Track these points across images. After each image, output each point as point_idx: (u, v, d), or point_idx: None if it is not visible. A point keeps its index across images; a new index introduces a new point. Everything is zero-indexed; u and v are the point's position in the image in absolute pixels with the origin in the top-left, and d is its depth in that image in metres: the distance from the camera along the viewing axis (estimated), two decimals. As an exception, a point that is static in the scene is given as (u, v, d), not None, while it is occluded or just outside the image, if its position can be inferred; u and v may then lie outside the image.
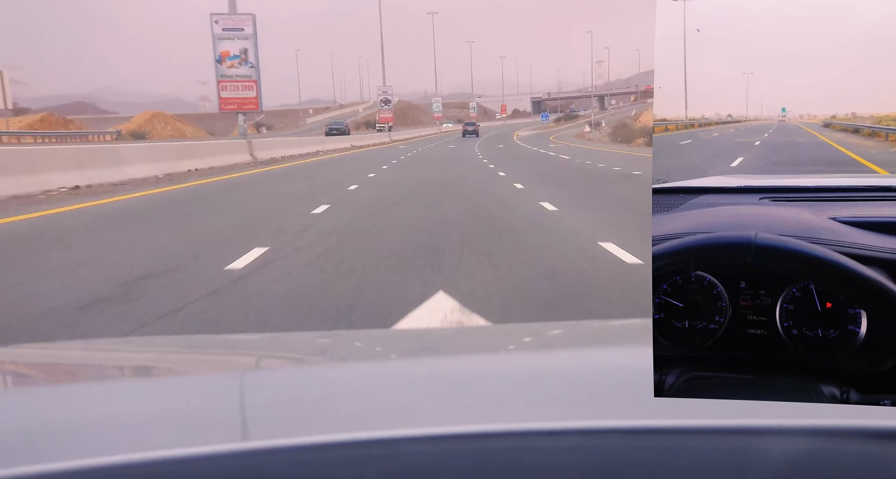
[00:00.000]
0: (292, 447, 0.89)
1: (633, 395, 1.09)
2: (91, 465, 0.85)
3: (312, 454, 0.89)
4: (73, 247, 8.50)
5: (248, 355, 1.85)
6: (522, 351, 1.81)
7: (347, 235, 8.84)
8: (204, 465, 0.87)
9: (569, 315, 4.90)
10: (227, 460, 0.88)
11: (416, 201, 12.99)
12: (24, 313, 5.27)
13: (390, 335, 2.58)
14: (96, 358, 1.84)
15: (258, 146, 32.06)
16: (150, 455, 0.87)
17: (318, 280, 6.16)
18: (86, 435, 1.02)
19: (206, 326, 4.77)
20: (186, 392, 1.31)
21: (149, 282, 6.12)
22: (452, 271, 6.39)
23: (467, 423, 0.99)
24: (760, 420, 0.93)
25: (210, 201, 13.95)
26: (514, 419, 1.00)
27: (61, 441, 0.98)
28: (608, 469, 0.88)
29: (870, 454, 0.88)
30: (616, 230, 8.62)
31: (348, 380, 1.40)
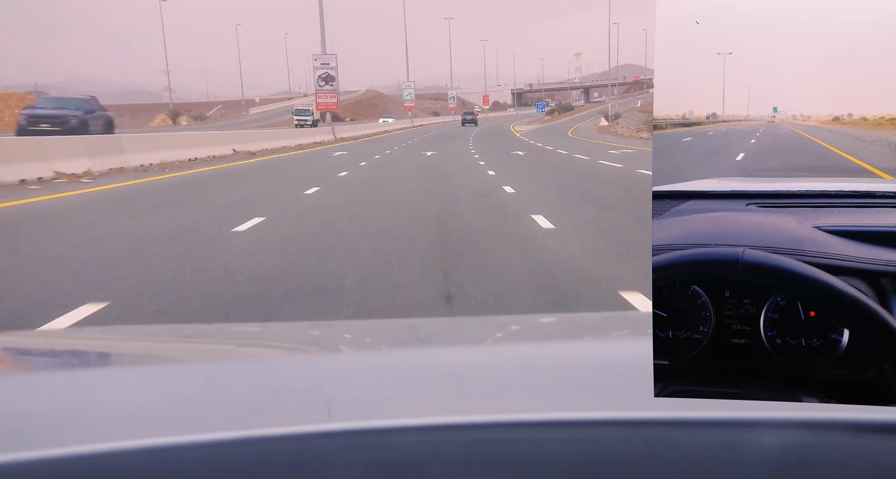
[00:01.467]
0: (284, 436, 0.89)
1: (625, 387, 1.10)
2: (83, 452, 0.86)
3: (304, 443, 0.89)
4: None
5: (240, 345, 1.85)
6: (515, 342, 1.81)
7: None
8: (195, 453, 0.87)
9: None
10: (217, 448, 0.88)
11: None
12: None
13: (383, 326, 2.58)
14: (87, 346, 1.84)
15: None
16: (140, 443, 0.87)
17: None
18: (78, 423, 1.02)
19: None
20: (178, 381, 1.30)
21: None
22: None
23: (459, 413, 0.99)
24: (752, 413, 0.94)
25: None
26: (506, 410, 1.00)
27: (53, 429, 0.98)
28: (600, 461, 0.88)
29: (860, 447, 0.89)
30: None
31: (340, 370, 1.40)
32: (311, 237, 8.71)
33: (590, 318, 2.60)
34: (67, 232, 9.54)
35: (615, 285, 5.90)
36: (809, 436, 0.89)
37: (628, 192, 13.75)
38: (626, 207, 11.34)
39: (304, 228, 9.50)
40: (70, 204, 12.89)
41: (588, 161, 25.26)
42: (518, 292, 5.81)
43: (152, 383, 1.28)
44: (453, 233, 8.81)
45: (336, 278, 6.26)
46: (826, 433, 0.90)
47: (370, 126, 71.52)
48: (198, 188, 15.83)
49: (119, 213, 11.44)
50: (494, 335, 1.91)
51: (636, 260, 6.83)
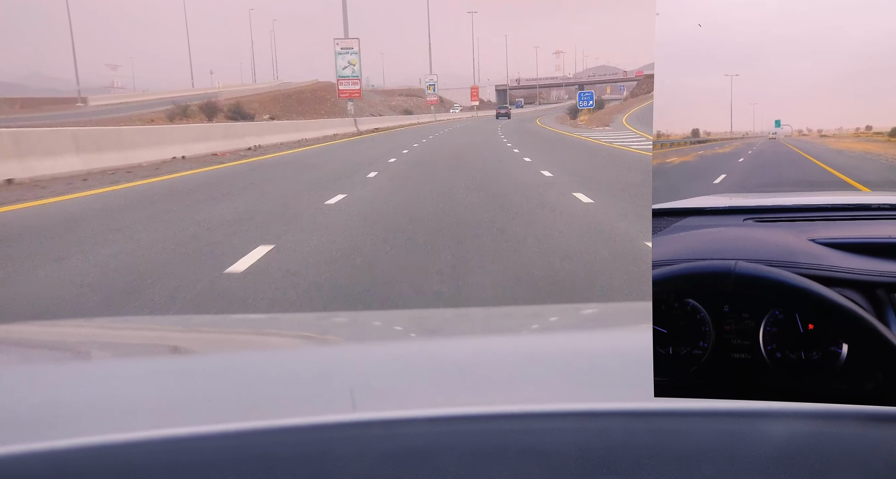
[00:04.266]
0: (292, 427, 0.90)
1: (631, 378, 1.09)
2: (94, 443, 0.86)
3: (313, 434, 0.90)
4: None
5: (247, 336, 1.86)
6: (521, 334, 1.81)
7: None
8: (206, 444, 0.87)
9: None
10: (227, 439, 0.88)
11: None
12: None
13: (390, 317, 2.61)
14: (98, 337, 1.84)
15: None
16: (150, 434, 0.88)
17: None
18: (89, 414, 1.03)
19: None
20: (189, 372, 1.32)
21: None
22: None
23: (466, 405, 1.00)
24: (758, 404, 0.94)
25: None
26: (512, 401, 1.01)
27: (64, 420, 0.99)
28: (606, 452, 0.89)
29: (865, 436, 0.89)
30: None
31: (348, 361, 1.41)
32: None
33: (595, 309, 2.62)
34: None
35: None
36: (816, 425, 0.90)
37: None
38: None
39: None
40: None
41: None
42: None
43: (162, 375, 1.29)
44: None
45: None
46: (834, 423, 0.91)
47: (300, 130, 40.44)
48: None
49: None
50: (500, 326, 1.91)
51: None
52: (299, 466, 0.86)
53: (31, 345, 1.72)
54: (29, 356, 1.60)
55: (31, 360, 1.57)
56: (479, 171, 17.83)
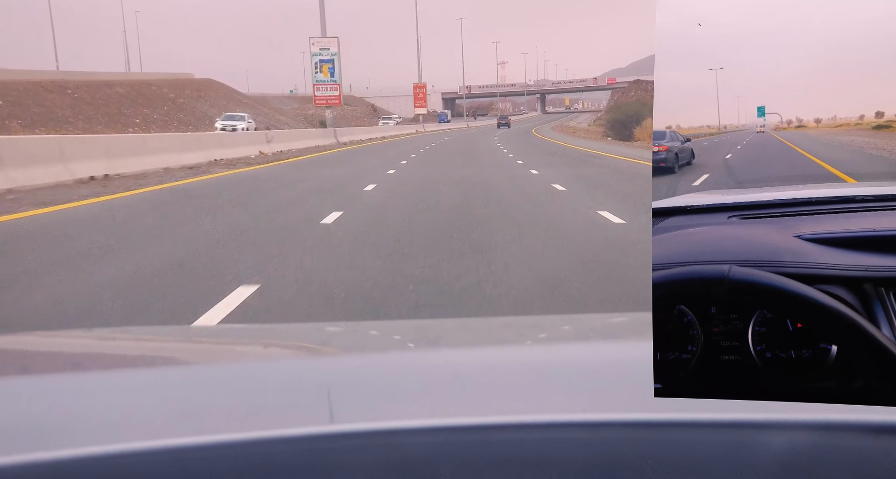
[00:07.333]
0: (292, 437, 0.90)
1: (633, 388, 1.09)
2: (91, 453, 0.86)
3: (312, 444, 0.89)
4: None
5: (246, 346, 1.86)
6: (522, 344, 1.82)
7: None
8: (202, 455, 0.87)
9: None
10: (225, 450, 0.88)
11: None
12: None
13: (389, 327, 2.62)
14: (96, 347, 1.84)
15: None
16: (149, 445, 0.87)
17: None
18: (86, 424, 1.03)
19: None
20: (185, 382, 1.31)
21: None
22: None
23: (467, 415, 1.00)
24: (761, 415, 0.94)
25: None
26: (513, 412, 1.01)
27: (62, 430, 0.98)
28: (608, 462, 0.88)
29: (869, 448, 0.89)
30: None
31: (349, 371, 1.42)
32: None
33: (597, 319, 2.63)
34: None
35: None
36: (819, 437, 0.89)
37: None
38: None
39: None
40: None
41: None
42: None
43: (161, 385, 1.29)
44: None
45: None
46: (836, 433, 0.90)
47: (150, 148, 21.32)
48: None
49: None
50: (500, 336, 1.91)
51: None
52: (298, 477, 0.86)
53: (30, 355, 1.71)
54: (29, 367, 1.60)
55: (30, 370, 1.56)
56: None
